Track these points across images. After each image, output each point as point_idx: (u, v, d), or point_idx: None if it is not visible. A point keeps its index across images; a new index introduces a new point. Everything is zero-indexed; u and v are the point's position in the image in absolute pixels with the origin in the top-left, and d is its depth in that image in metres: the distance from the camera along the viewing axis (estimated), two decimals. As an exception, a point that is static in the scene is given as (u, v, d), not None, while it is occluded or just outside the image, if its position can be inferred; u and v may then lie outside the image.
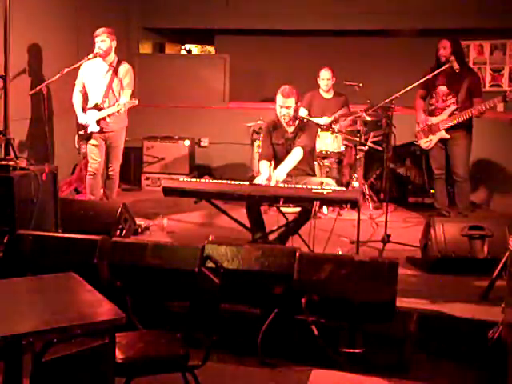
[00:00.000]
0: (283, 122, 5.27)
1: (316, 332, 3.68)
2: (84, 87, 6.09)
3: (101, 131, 5.99)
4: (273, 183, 4.89)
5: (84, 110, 6.03)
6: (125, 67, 6.05)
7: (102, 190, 6.29)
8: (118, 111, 5.89)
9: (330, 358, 3.68)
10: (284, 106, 5.14)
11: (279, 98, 5.15)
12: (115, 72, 6.00)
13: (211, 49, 11.29)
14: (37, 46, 6.47)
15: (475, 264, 4.74)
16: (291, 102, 5.14)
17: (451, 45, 5.94)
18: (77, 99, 6.07)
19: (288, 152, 5.23)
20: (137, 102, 5.96)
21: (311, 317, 3.71)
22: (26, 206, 4.44)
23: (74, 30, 7.22)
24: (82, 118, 6.00)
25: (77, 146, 6.14)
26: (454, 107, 6.02)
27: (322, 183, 4.95)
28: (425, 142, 6.20)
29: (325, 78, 7.22)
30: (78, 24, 7.23)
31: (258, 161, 5.46)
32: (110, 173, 6.23)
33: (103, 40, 5.87)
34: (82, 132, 6.03)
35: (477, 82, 6.20)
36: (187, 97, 8.63)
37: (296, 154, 5.12)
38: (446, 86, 6.06)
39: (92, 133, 6.00)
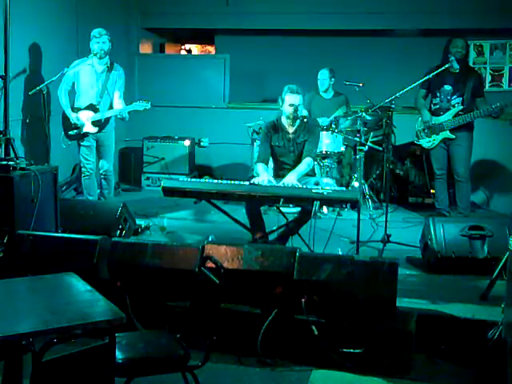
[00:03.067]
0: (286, 123, 5.26)
1: (316, 332, 3.68)
2: (73, 87, 6.07)
3: (98, 131, 6.01)
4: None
5: (72, 109, 6.02)
6: (119, 69, 6.13)
7: (98, 191, 6.30)
8: (122, 118, 5.97)
9: (330, 357, 3.67)
10: (295, 104, 5.13)
11: (289, 97, 5.14)
12: (109, 73, 6.04)
13: (211, 49, 11.28)
14: (37, 46, 6.48)
15: (475, 264, 4.74)
16: (301, 99, 5.18)
17: (467, 45, 6.03)
18: (66, 99, 6.03)
19: (290, 152, 5.27)
20: (149, 105, 6.00)
21: (311, 317, 3.71)
22: (26, 205, 4.43)
23: (74, 30, 7.22)
24: (75, 118, 5.98)
25: (64, 147, 6.09)
26: (460, 107, 6.01)
27: (318, 183, 4.97)
28: (427, 142, 6.19)
29: (321, 77, 7.24)
30: (78, 24, 7.23)
31: (255, 163, 5.45)
32: (104, 173, 6.21)
33: (104, 41, 5.93)
34: (73, 132, 5.99)
35: (480, 81, 6.23)
36: (187, 97, 8.63)
37: (308, 165, 5.16)
38: (451, 85, 6.05)
39: (85, 133, 5.99)
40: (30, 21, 6.27)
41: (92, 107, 5.97)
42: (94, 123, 5.97)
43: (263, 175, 5.05)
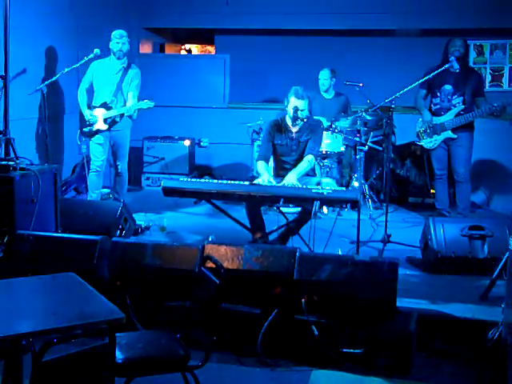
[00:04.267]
0: (290, 122, 5.25)
1: (316, 332, 3.68)
2: (91, 85, 6.16)
3: (108, 129, 6.06)
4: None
5: (88, 107, 6.10)
6: (135, 69, 6.23)
7: (104, 190, 6.35)
8: (129, 116, 6.03)
9: (330, 357, 3.67)
10: (299, 108, 5.13)
11: (294, 100, 5.14)
12: (125, 73, 6.12)
13: (211, 49, 11.28)
14: (37, 46, 6.47)
15: (475, 264, 4.74)
16: (305, 104, 5.17)
17: (466, 44, 6.02)
18: (83, 96, 6.17)
19: (292, 151, 5.27)
20: (153, 104, 6.08)
21: (311, 317, 3.71)
22: (26, 205, 4.44)
23: (74, 30, 7.21)
24: (89, 115, 6.04)
25: (78, 143, 6.19)
26: (461, 107, 6.01)
27: (320, 183, 4.97)
28: (429, 142, 6.19)
29: (322, 77, 7.25)
30: (78, 24, 7.23)
31: (256, 160, 5.46)
32: (118, 171, 6.33)
33: (124, 43, 6.09)
34: (87, 129, 6.07)
35: (480, 81, 6.24)
36: (187, 97, 8.63)
37: (309, 162, 5.17)
38: (451, 85, 6.05)
39: (98, 130, 6.06)
40: (29, 21, 6.26)
41: (105, 105, 6.07)
42: (105, 121, 6.05)
43: (264, 175, 5.05)
